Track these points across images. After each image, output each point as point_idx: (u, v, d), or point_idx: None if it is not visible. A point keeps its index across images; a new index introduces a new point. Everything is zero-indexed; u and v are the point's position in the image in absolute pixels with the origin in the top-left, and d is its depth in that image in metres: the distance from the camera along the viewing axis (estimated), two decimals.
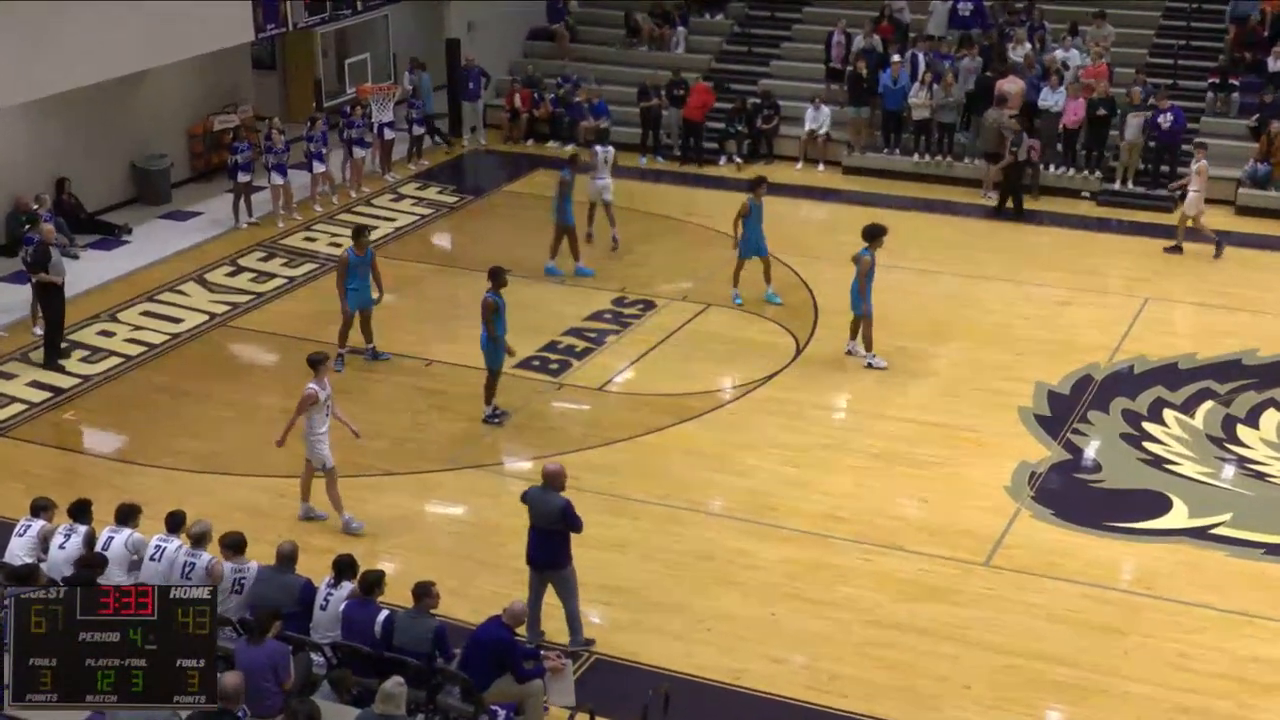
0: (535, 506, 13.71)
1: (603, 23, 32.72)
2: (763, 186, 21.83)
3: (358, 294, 19.46)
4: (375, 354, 19.92)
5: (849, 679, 13.55)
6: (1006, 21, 29.28)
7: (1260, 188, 25.82)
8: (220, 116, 27.33)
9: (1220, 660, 13.80)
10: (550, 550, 13.67)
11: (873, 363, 19.64)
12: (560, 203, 22.63)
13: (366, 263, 19.56)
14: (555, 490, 13.68)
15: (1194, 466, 17.36)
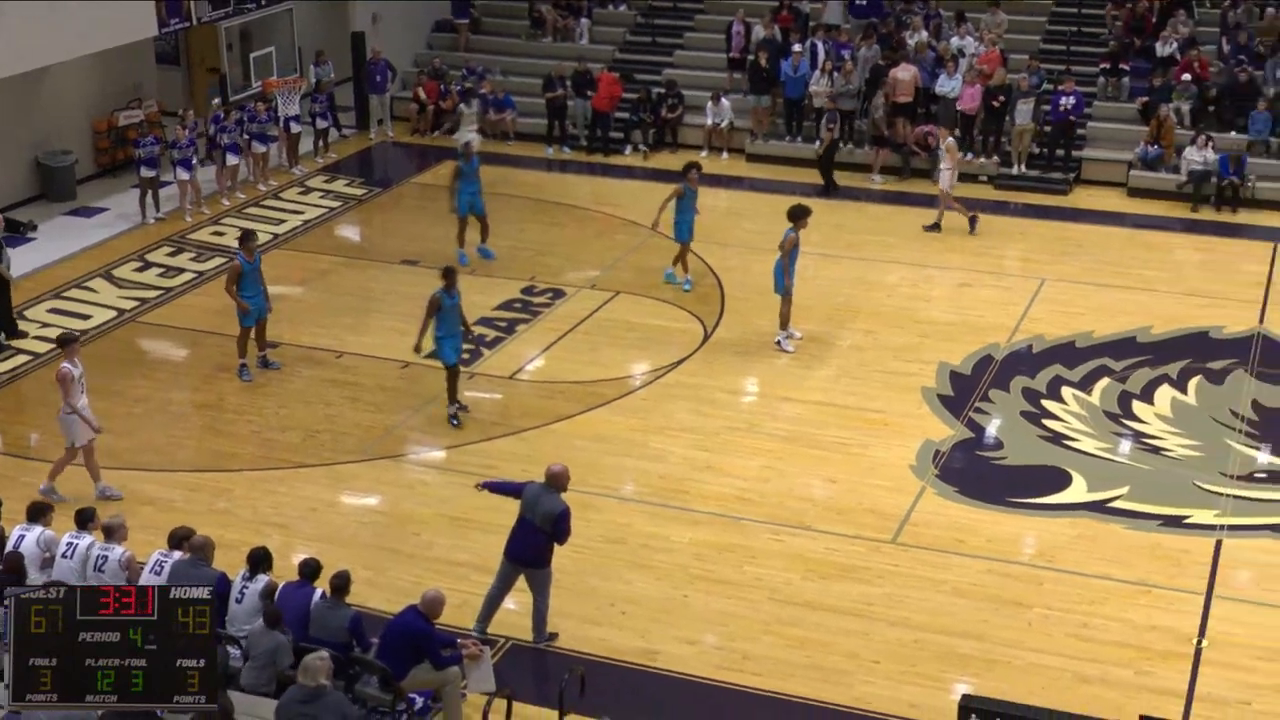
0: (532, 503, 13.47)
1: (507, 14, 32.58)
2: (694, 171, 21.87)
3: (252, 301, 18.89)
4: (266, 362, 19.41)
5: (761, 658, 13.62)
6: (903, 10, 29.50)
7: (1151, 170, 26.19)
8: (125, 112, 26.93)
9: (1119, 629, 14.02)
10: (535, 548, 13.54)
11: (781, 343, 19.75)
12: (457, 190, 22.55)
13: (258, 268, 19.04)
14: (557, 491, 13.53)
15: (1092, 442, 17.60)
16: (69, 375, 15.96)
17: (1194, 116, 26.72)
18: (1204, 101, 26.76)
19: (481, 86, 29.30)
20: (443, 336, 17.63)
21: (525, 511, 13.51)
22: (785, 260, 19.59)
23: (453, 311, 17.60)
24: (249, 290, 18.80)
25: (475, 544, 15.38)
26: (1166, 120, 26.18)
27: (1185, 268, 23.46)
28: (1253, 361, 19.55)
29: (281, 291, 21.76)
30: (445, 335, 17.64)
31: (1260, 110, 26.17)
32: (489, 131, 29.19)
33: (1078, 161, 26.87)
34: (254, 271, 18.91)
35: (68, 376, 15.96)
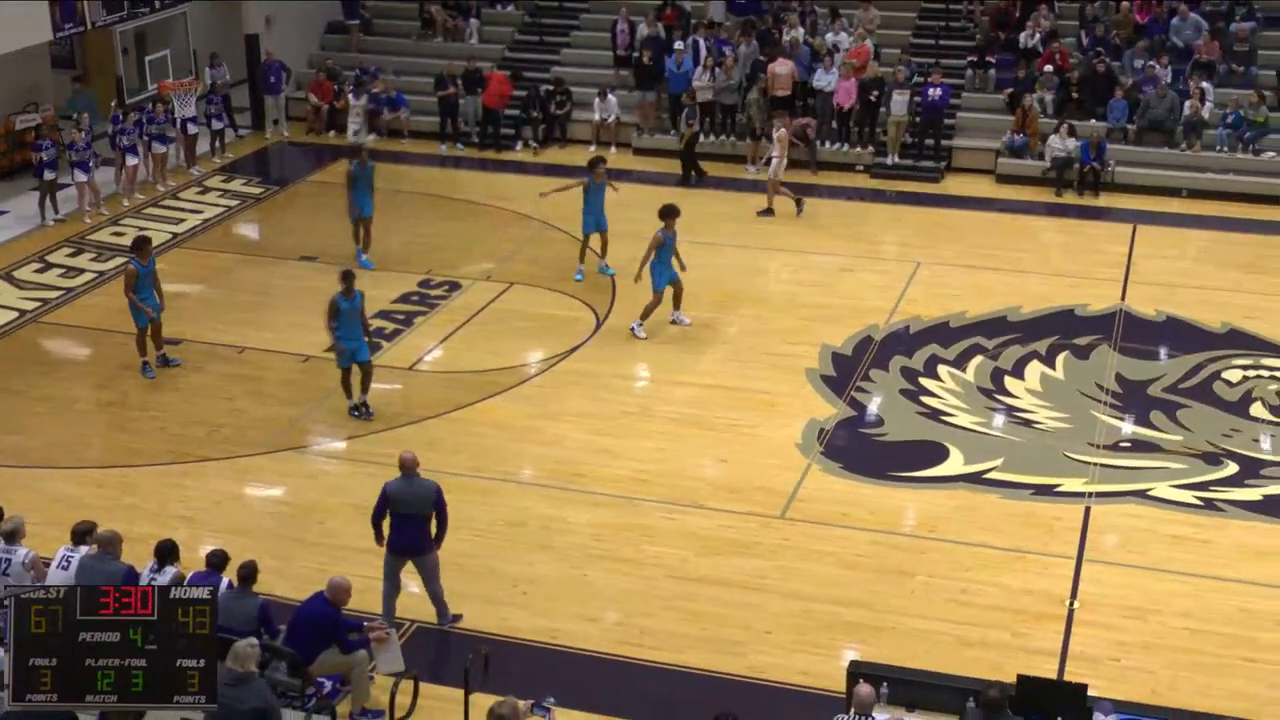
0: (404, 496, 13.33)
1: (398, 15, 32.28)
2: (601, 166, 21.89)
3: (148, 303, 18.57)
4: (166, 360, 19.09)
5: (659, 632, 13.68)
6: (780, 7, 29.66)
7: (1017, 157, 26.58)
8: (22, 116, 26.39)
9: (996, 594, 14.25)
10: (418, 536, 13.43)
11: (635, 330, 19.94)
12: (352, 195, 22.26)
13: (152, 271, 18.69)
14: (418, 477, 13.43)
15: (967, 417, 17.85)
16: None
17: (1056, 106, 27.17)
18: (1065, 91, 27.21)
19: (374, 85, 29.05)
20: (343, 339, 17.40)
21: (401, 508, 13.34)
22: (652, 256, 19.75)
23: (352, 314, 17.36)
24: (144, 293, 18.48)
25: None
26: (1031, 110, 26.58)
27: (1051, 249, 23.86)
28: (1115, 337, 19.93)
29: (182, 289, 21.49)
30: (345, 338, 17.39)
31: (1118, 99, 26.65)
32: (381, 130, 28.98)
33: (948, 150, 27.20)
34: (149, 274, 18.58)
35: None
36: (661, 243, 19.62)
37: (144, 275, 18.51)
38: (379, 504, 13.45)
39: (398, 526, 13.41)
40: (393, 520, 13.42)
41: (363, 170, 22.27)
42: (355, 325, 17.42)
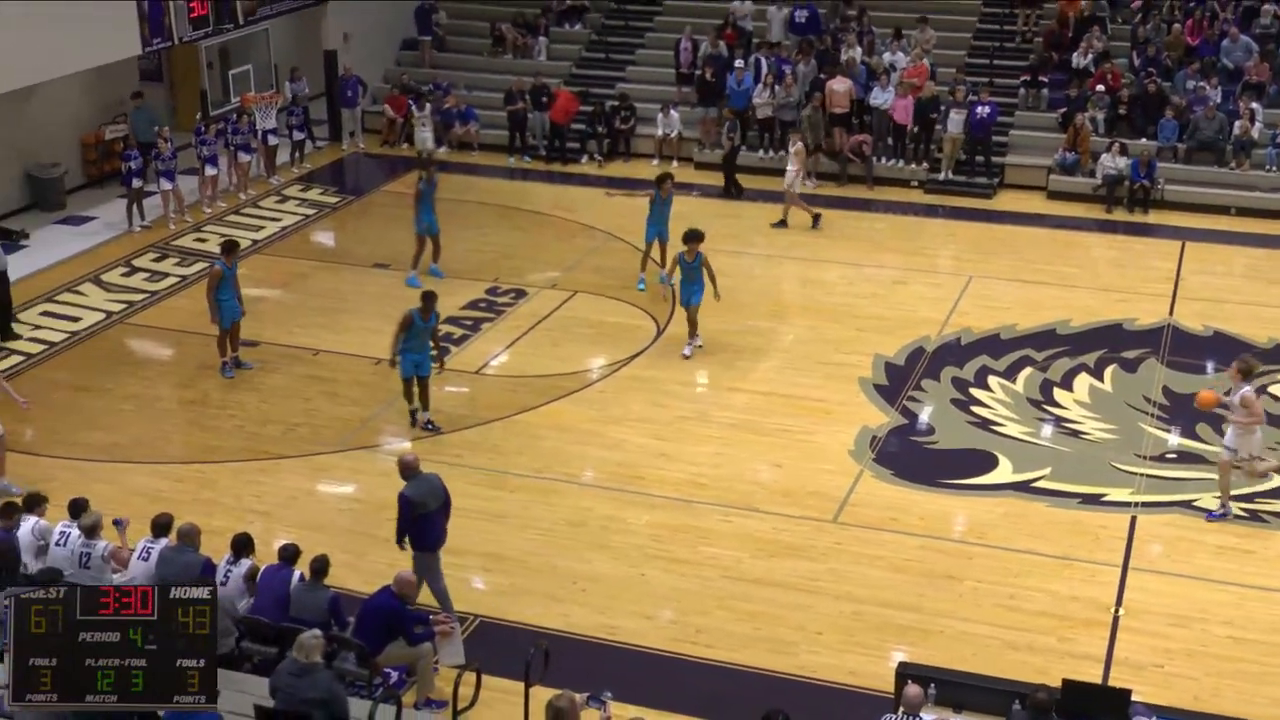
0: (430, 494, 13.36)
1: (470, 32, 32.44)
2: (668, 182, 21.87)
3: (228, 304, 18.73)
4: (239, 363, 19.21)
5: (713, 631, 13.66)
6: (839, 27, 29.58)
7: (1069, 174, 26.36)
8: (111, 126, 26.72)
9: (1043, 600, 14.13)
10: (444, 528, 13.51)
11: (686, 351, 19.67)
12: (417, 213, 22.20)
13: (235, 275, 18.85)
14: (424, 474, 13.53)
15: (1016, 427, 17.71)
16: None
17: (1108, 125, 26.91)
18: (1116, 110, 26.96)
19: (445, 100, 29.22)
20: (409, 352, 17.27)
21: (431, 507, 13.35)
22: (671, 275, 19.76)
23: (425, 333, 17.29)
24: (225, 294, 18.65)
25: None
26: (1083, 128, 26.35)
27: (1101, 265, 23.64)
28: (1163, 351, 19.72)
29: (261, 294, 21.70)
30: (410, 351, 17.26)
31: (1168, 118, 26.37)
32: (453, 143, 29.12)
33: (1000, 167, 27.01)
34: (232, 278, 18.76)
35: None
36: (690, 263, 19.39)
37: (228, 278, 18.69)
38: (405, 512, 13.29)
39: (426, 527, 13.37)
40: (420, 522, 13.33)
41: (429, 186, 22.30)
42: (425, 342, 17.39)
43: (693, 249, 19.35)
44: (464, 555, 14.88)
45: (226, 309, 18.73)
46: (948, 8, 30.30)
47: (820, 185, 26.85)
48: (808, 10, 29.56)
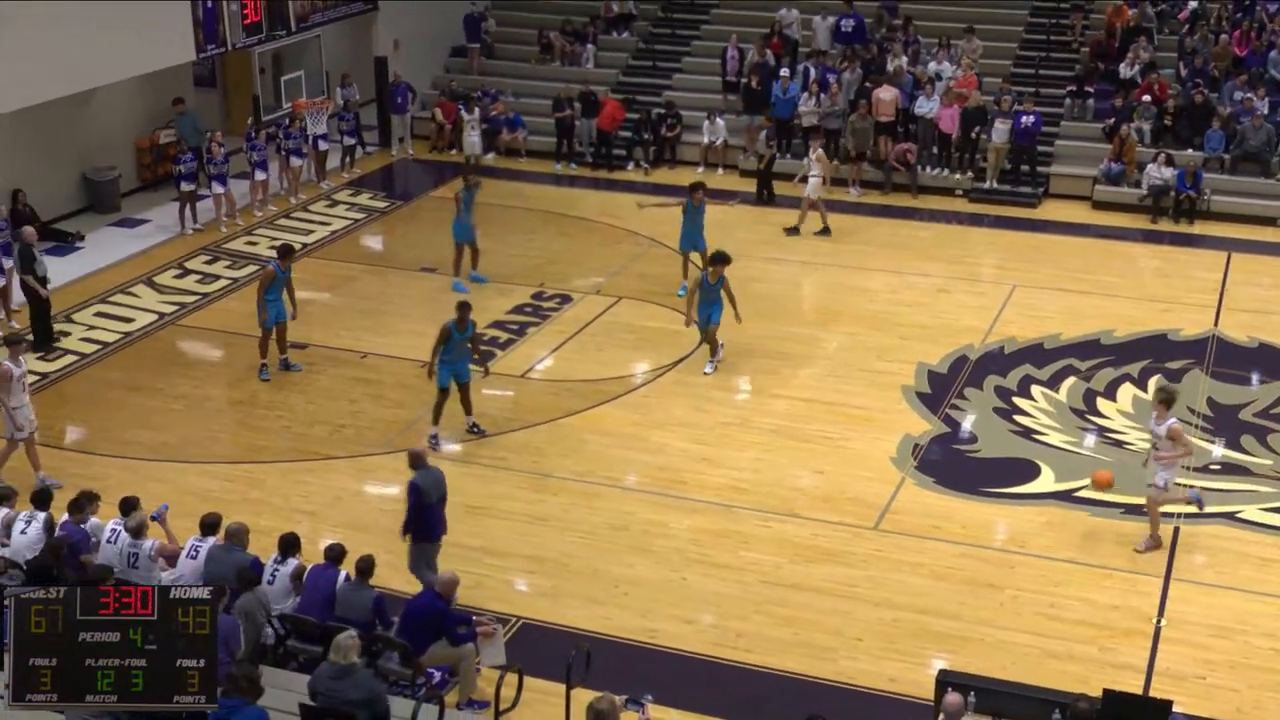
0: (434, 486, 13.71)
1: (518, 40, 32.56)
2: (700, 190, 21.70)
3: (274, 306, 18.85)
4: (287, 365, 19.31)
5: (752, 635, 13.63)
6: (885, 37, 29.50)
7: (1114, 185, 26.17)
8: (165, 131, 26.95)
9: (1084, 609, 14.02)
10: (444, 518, 13.91)
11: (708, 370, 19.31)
12: (461, 217, 22.22)
13: (287, 279, 18.95)
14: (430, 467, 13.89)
15: (1059, 436, 17.60)
16: (9, 373, 15.96)
17: (1154, 135, 26.71)
18: (1162, 121, 26.76)
19: (493, 107, 29.32)
20: (443, 362, 17.14)
21: (435, 496, 13.72)
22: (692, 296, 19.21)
23: (462, 344, 17.22)
24: (273, 295, 18.80)
25: (488, 530, 15.41)
26: (1128, 139, 26.17)
27: (1145, 275, 23.46)
28: (1208, 362, 19.54)
29: (310, 296, 21.81)
30: (449, 361, 17.15)
31: (1215, 129, 26.15)
32: (500, 149, 29.21)
33: (1046, 177, 26.86)
34: (283, 280, 18.91)
35: (8, 374, 15.96)
36: (700, 283, 19.14)
37: (279, 280, 18.84)
38: (414, 499, 13.63)
39: (430, 517, 13.72)
40: (432, 510, 13.71)
41: (470, 194, 22.28)
42: (463, 352, 17.29)
43: (717, 271, 19.01)
44: (506, 557, 14.94)
45: (272, 309, 18.85)
46: (994, 17, 30.18)
47: (865, 193, 26.77)
48: (854, 19, 29.51)
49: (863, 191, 26.77)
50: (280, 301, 18.97)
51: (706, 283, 19.11)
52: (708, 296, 19.09)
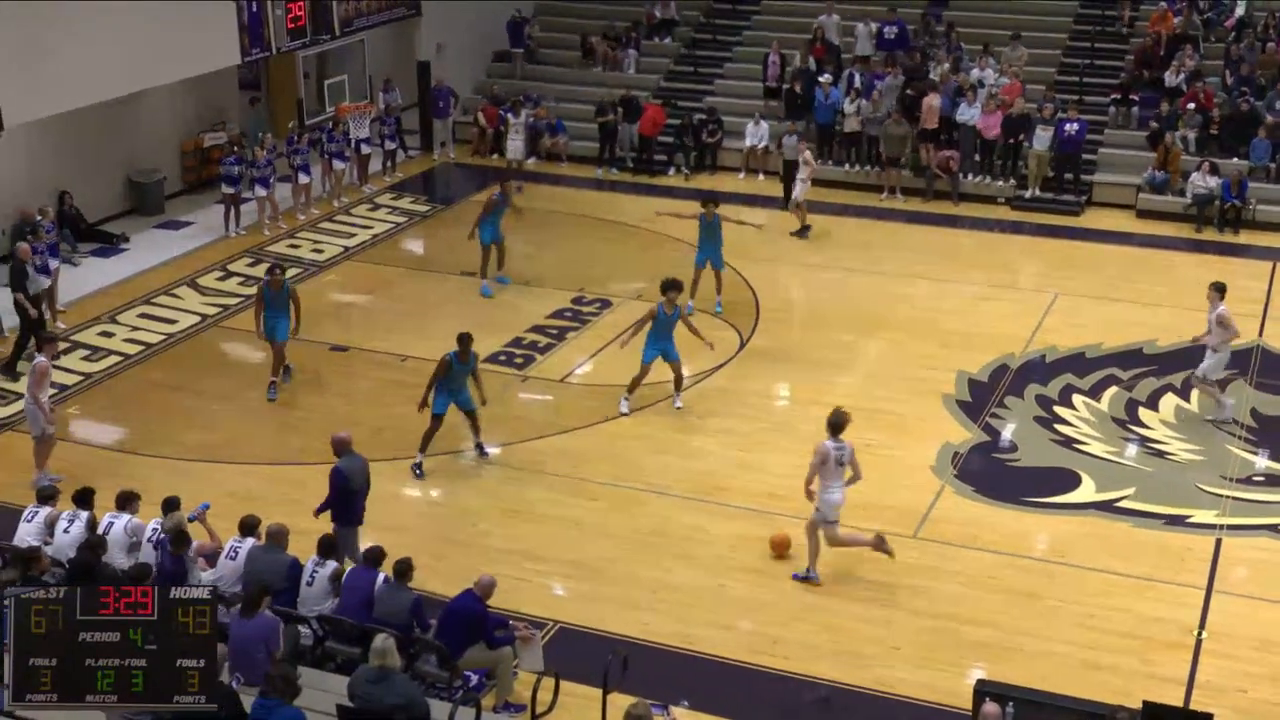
0: (357, 472, 14.09)
1: (560, 45, 32.64)
2: (711, 205, 21.02)
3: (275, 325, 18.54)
4: (288, 372, 19.03)
5: (790, 642, 13.59)
6: (927, 43, 29.40)
7: (1158, 193, 25.99)
8: (210, 134, 27.17)
9: (1125, 620, 13.92)
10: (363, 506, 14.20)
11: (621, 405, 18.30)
12: (480, 225, 22.09)
13: (283, 297, 18.55)
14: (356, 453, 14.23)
15: (1101, 446, 17.48)
16: (47, 370, 16.19)
17: (1199, 144, 26.52)
18: (1208, 130, 26.56)
19: (536, 112, 29.38)
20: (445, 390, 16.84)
21: (356, 485, 14.05)
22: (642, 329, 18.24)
23: (463, 375, 16.77)
24: (270, 312, 18.52)
25: (527, 533, 15.43)
26: (1173, 147, 25.99)
27: (1189, 285, 23.15)
28: (1252, 372, 19.38)
29: (351, 299, 21.99)
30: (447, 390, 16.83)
31: (1261, 138, 25.95)
32: (541, 154, 29.27)
33: (1089, 185, 26.70)
34: (278, 298, 18.51)
35: (45, 370, 16.17)
36: (654, 316, 18.03)
37: (270, 299, 18.53)
38: (336, 483, 14.02)
39: (350, 503, 14.07)
40: (347, 498, 14.04)
41: (503, 202, 22.25)
42: (463, 384, 16.88)
43: (671, 300, 18.00)
44: (545, 561, 14.95)
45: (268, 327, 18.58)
46: (1039, 24, 30.05)
47: (907, 200, 26.68)
48: (897, 26, 29.44)
49: (906, 199, 26.66)
50: (275, 319, 18.56)
51: (661, 313, 17.98)
52: (661, 330, 18.02)
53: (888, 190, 26.93)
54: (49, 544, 13.32)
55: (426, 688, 11.70)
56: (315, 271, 23.50)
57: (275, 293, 18.57)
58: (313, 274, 23.37)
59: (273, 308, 18.58)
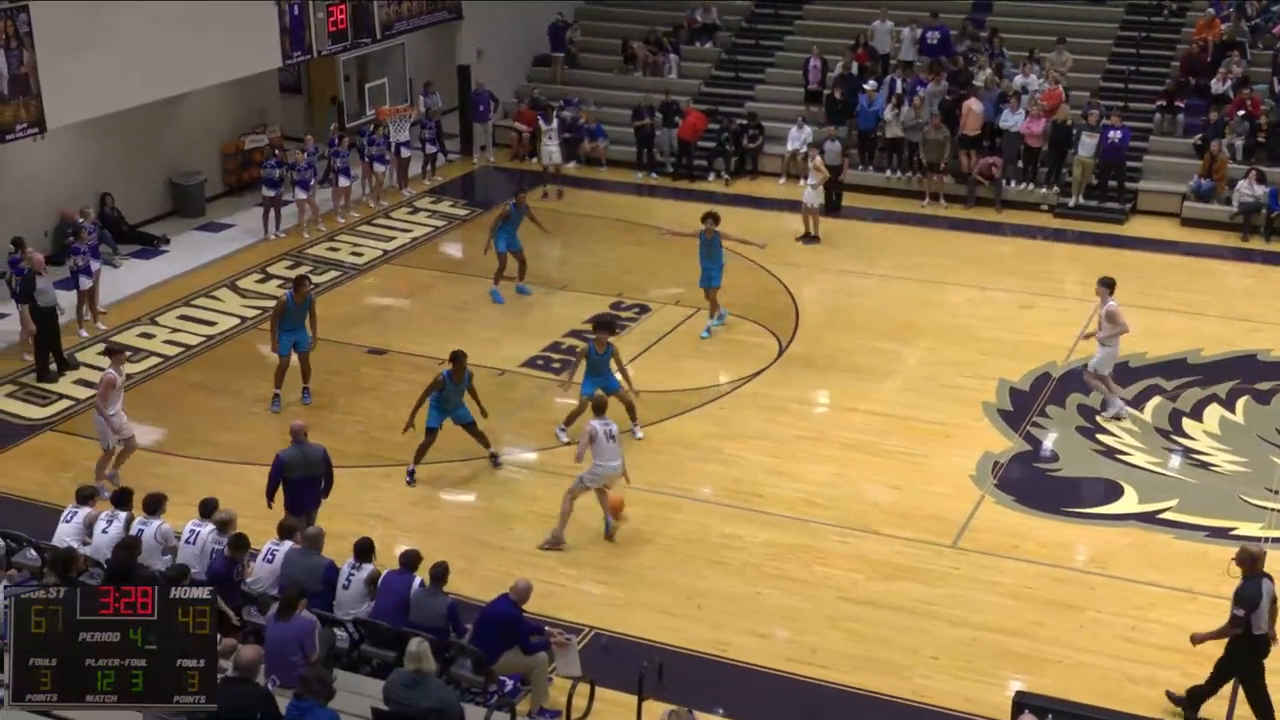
0: (299, 460, 14.45)
1: (601, 50, 32.69)
2: (710, 221, 20.53)
3: (288, 336, 18.39)
4: (306, 393, 18.82)
5: (827, 651, 13.56)
6: (970, 49, 29.28)
7: (1203, 202, 25.79)
8: (251, 136, 27.34)
9: (1166, 633, 13.80)
10: (315, 496, 14.55)
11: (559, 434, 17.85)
12: (495, 233, 21.95)
13: (304, 309, 18.45)
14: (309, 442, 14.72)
15: (1143, 456, 17.36)
16: (113, 381, 16.23)
17: (1246, 151, 26.30)
18: (1255, 137, 26.34)
19: (579, 114, 29.40)
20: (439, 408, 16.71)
21: (298, 472, 14.40)
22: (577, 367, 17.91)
23: (457, 394, 16.62)
24: (288, 325, 18.40)
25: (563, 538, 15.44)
26: (1219, 155, 25.79)
27: (1235, 294, 23.09)
28: None
29: (389, 303, 22.09)
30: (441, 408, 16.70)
31: None
32: (581, 158, 29.30)
33: (1133, 193, 26.52)
34: (298, 311, 18.39)
35: (111, 382, 16.22)
36: (587, 355, 17.62)
37: (291, 310, 18.42)
38: (274, 471, 14.48)
39: (290, 491, 14.35)
40: (289, 486, 14.35)
41: (518, 213, 22.05)
42: (459, 402, 16.75)
43: (602, 340, 17.54)
44: (580, 567, 14.97)
45: (286, 339, 18.44)
46: (1083, 30, 29.86)
47: (949, 207, 26.57)
48: (939, 31, 29.33)
49: (948, 205, 26.56)
50: (299, 331, 18.49)
51: (593, 353, 17.49)
52: (595, 369, 17.51)
53: (929, 197, 26.86)
54: (88, 544, 13.43)
55: (461, 692, 11.72)
56: (354, 275, 23.60)
57: (299, 305, 18.42)
58: (351, 277, 23.47)
59: (293, 319, 18.43)
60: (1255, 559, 12.20)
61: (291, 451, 14.53)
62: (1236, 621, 12.06)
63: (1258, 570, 12.16)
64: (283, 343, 18.47)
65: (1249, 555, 12.29)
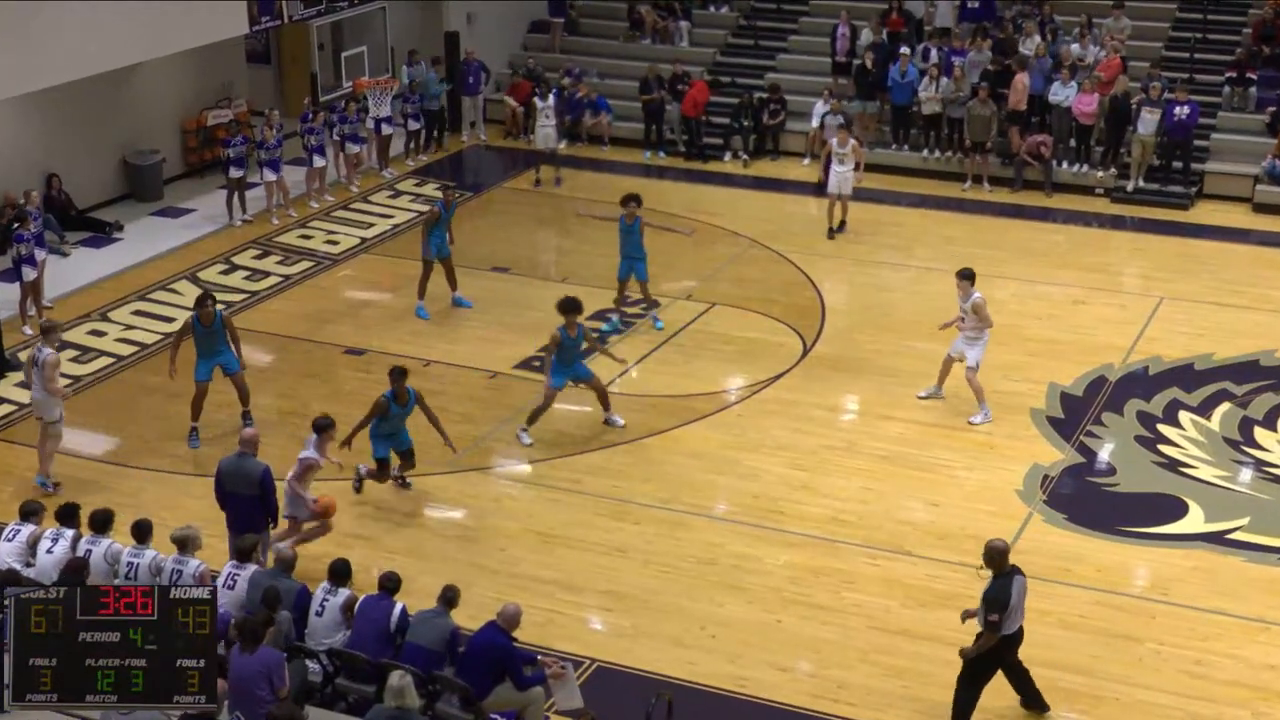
0: (231, 473, 14.50)
1: (605, 15, 32.73)
2: (631, 205, 20.54)
3: (210, 362, 17.91)
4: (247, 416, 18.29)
5: (856, 687, 13.57)
6: (1019, 14, 29.26)
7: (1277, 185, 25.80)
8: (214, 111, 27.37)
9: (1235, 668, 13.82)
10: (250, 517, 14.34)
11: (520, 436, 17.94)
12: (426, 236, 21.49)
13: (215, 331, 17.79)
14: (251, 456, 14.57)
15: (1210, 470, 17.37)
16: (57, 361, 16.91)
17: None
18: None
19: (577, 89, 29.38)
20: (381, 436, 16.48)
21: (228, 485, 14.50)
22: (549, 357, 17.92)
23: (403, 418, 16.46)
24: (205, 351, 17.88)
25: (561, 561, 15.47)
26: None
27: None
28: None
29: (369, 297, 22.10)
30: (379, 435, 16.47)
31: None
32: (583, 136, 29.32)
33: (1199, 175, 26.53)
34: (209, 335, 17.79)
35: (56, 362, 16.83)
36: (559, 342, 17.70)
37: (201, 335, 17.81)
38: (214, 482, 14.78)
39: (230, 506, 14.61)
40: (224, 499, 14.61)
41: (448, 211, 21.66)
42: (401, 425, 16.58)
43: (573, 321, 17.64)
44: (581, 592, 14.99)
45: (204, 366, 17.95)
46: None
47: (994, 191, 26.58)
48: None
49: (992, 189, 26.56)
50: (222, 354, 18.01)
51: (566, 338, 17.69)
52: (566, 356, 17.77)
53: (971, 179, 26.86)
54: (31, 565, 13.44)
55: None
56: (329, 265, 23.66)
57: (207, 328, 17.75)
58: (326, 268, 23.53)
59: (207, 345, 17.83)
60: (1002, 554, 12.50)
61: (229, 461, 14.71)
62: (992, 627, 12.39)
63: (1004, 568, 12.48)
64: (201, 369, 17.96)
65: (995, 552, 12.59)
